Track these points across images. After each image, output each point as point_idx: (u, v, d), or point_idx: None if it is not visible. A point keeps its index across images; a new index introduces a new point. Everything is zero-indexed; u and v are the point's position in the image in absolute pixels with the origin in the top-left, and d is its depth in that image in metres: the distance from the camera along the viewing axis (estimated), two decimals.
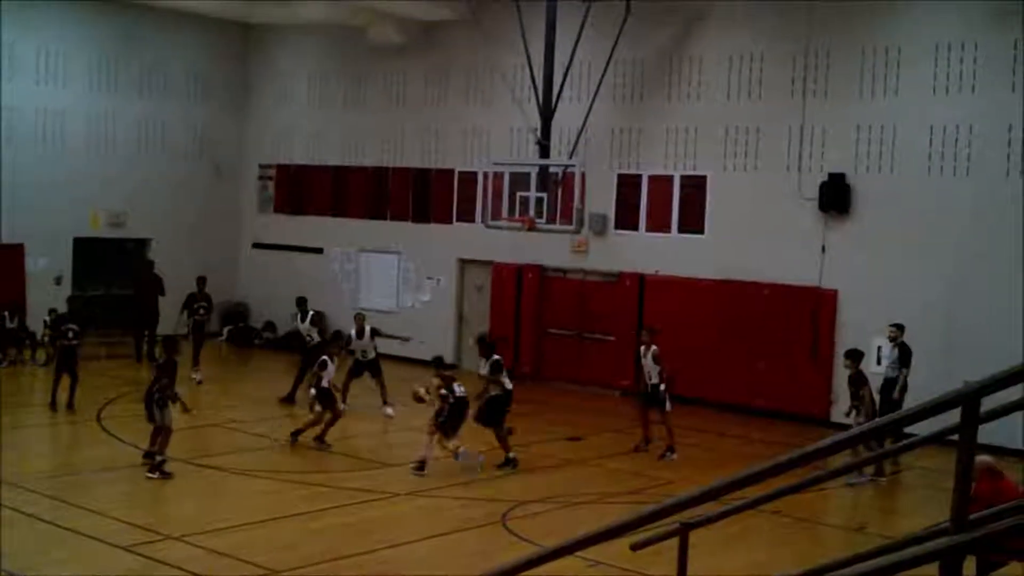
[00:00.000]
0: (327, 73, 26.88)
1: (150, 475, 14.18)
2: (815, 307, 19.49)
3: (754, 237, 20.31)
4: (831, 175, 19.41)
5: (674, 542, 6.45)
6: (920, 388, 16.89)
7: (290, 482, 14.44)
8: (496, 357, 16.03)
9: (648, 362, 16.68)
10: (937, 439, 5.84)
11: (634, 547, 6.65)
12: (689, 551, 6.38)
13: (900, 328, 17.04)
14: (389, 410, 18.69)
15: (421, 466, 15.05)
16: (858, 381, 15.60)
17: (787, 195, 19.89)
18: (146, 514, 12.70)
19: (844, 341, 18.94)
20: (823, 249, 19.49)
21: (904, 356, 16.85)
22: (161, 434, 14.42)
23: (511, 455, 15.59)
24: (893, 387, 16.76)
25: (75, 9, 24.69)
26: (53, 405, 17.49)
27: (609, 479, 15.30)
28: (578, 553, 7.33)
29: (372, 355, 18.87)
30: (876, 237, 19.00)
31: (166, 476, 14.21)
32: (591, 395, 20.99)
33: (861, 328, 18.71)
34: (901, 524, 12.98)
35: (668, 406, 16.69)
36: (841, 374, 18.92)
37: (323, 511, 13.09)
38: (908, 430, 9.47)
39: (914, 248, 18.55)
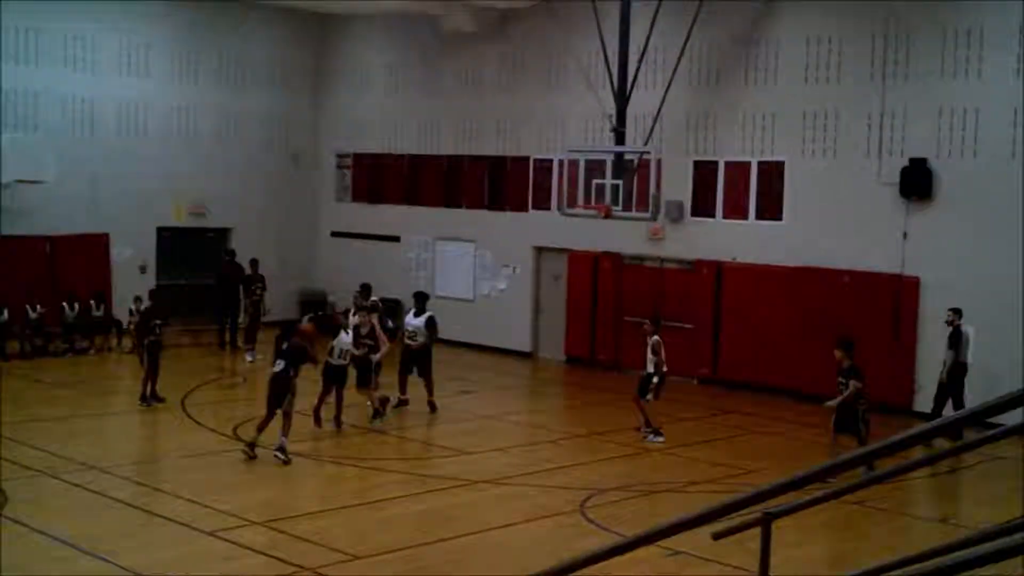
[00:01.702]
0: (403, 62, 27.01)
1: (279, 455, 14.39)
2: (897, 295, 19.18)
3: (833, 223, 20.04)
4: (912, 160, 19.06)
5: (755, 532, 6.40)
6: (1005, 376, 16.62)
7: (369, 469, 14.59)
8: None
9: (647, 351, 16.72)
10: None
11: (716, 536, 6.61)
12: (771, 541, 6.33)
13: (957, 312, 17.43)
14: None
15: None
16: (850, 373, 14.88)
17: (867, 180, 19.59)
18: (229, 500, 12.92)
19: (927, 329, 18.68)
20: (904, 235, 19.16)
21: (953, 339, 17.35)
22: (285, 420, 14.63)
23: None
24: (953, 372, 17.29)
25: (156, 2, 25.09)
26: (144, 399, 17.74)
27: (687, 468, 15.23)
28: (657, 542, 7.30)
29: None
30: (959, 223, 18.63)
31: (287, 461, 14.46)
32: (668, 383, 20.82)
33: (945, 316, 18.38)
34: (988, 515, 12.74)
35: (649, 396, 16.60)
36: (925, 362, 18.69)
37: (402, 498, 13.21)
38: (994, 420, 9.27)
39: (998, 234, 18.15)
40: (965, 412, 5.34)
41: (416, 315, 18.15)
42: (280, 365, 14.79)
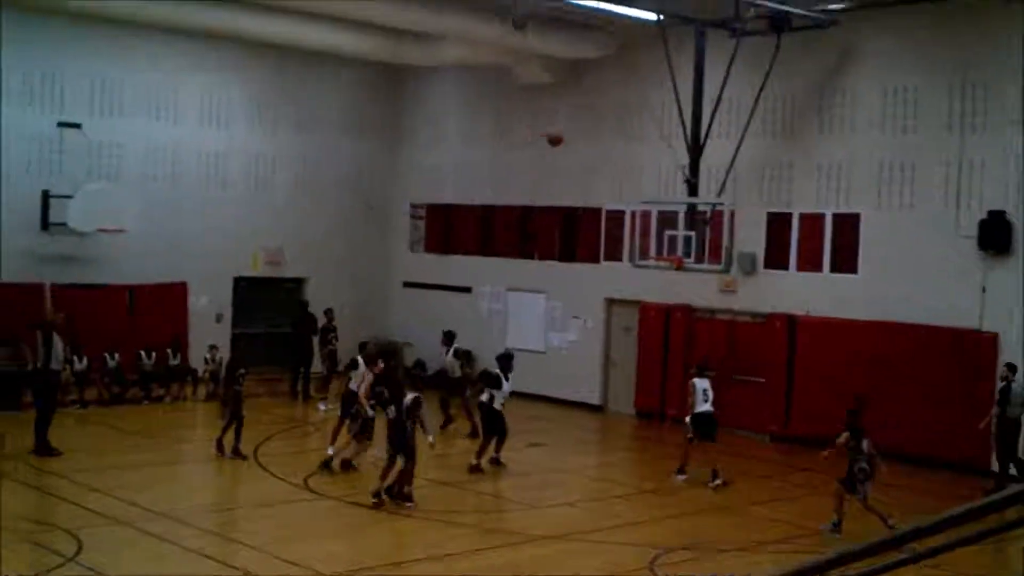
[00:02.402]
0: (476, 112, 27.26)
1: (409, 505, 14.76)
2: (974, 350, 18.78)
3: (910, 277, 19.73)
4: (991, 212, 18.74)
5: None
6: None
7: (439, 522, 14.53)
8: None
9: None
10: None
11: None
12: None
13: (1011, 368, 17.51)
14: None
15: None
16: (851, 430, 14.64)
17: (944, 233, 19.29)
18: (299, 550, 12.98)
19: None
20: (983, 290, 18.80)
21: (1003, 395, 17.46)
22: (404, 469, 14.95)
23: None
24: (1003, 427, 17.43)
25: (234, 51, 25.54)
26: (220, 447, 17.85)
27: (758, 526, 15.01)
28: None
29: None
30: None
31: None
32: (740, 438, 20.61)
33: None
34: None
35: (689, 435, 17.41)
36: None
37: (471, 552, 13.16)
38: None
39: None
40: None
41: (508, 380, 17.85)
42: (392, 411, 15.20)
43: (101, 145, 24.01)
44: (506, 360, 18.09)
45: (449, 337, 21.31)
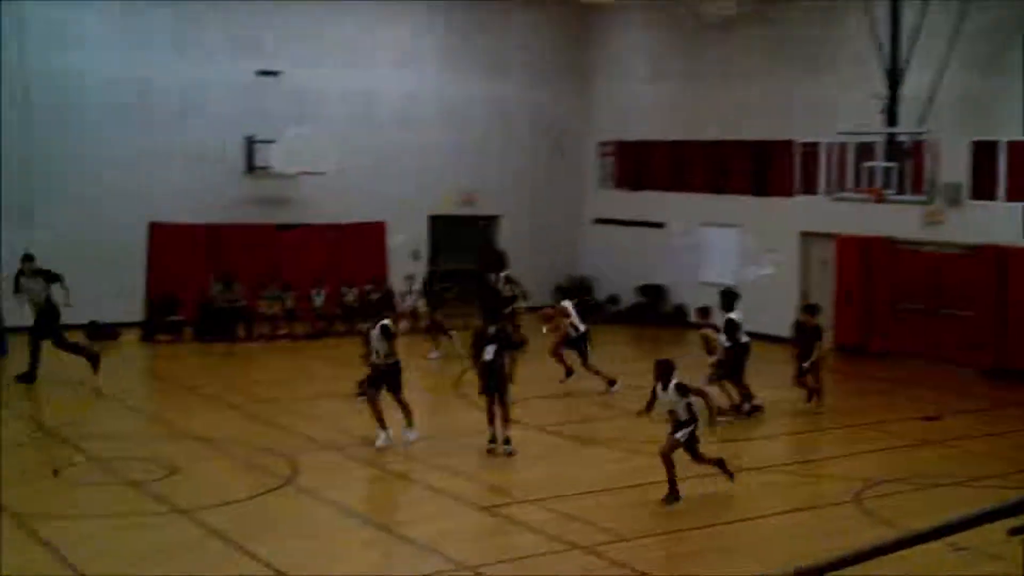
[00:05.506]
0: (664, 49, 26.92)
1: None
2: None
3: None
4: None
5: None
6: None
7: (633, 452, 14.49)
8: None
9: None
10: None
11: (1013, 531, 6.29)
12: None
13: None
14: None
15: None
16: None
17: None
18: (500, 478, 13.31)
19: None
20: None
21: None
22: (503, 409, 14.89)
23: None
24: None
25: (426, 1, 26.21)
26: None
27: (969, 461, 14.49)
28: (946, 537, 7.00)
29: None
30: None
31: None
32: (947, 373, 19.99)
33: None
34: None
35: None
36: None
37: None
38: None
39: None
40: None
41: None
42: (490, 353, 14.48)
43: (303, 92, 24.80)
44: (729, 297, 17.50)
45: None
